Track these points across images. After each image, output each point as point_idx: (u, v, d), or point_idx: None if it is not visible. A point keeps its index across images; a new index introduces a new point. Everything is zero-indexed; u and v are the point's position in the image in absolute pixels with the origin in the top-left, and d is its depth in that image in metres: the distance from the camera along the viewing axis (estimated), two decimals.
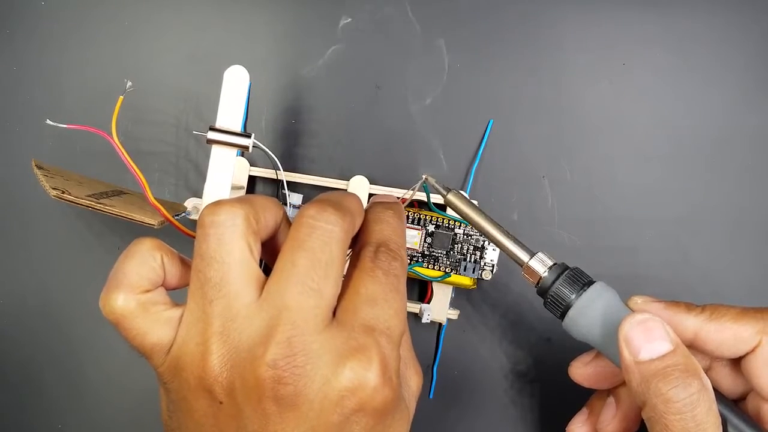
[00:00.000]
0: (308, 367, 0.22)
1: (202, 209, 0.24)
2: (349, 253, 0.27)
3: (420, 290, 0.40)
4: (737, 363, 0.29)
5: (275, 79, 0.39)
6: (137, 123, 0.40)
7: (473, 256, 0.36)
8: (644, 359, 0.25)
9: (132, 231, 0.26)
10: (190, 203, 0.37)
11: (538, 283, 0.29)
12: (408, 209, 0.37)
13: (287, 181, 0.37)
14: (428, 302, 0.38)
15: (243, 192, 0.38)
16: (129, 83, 0.30)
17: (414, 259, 0.36)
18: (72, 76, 0.40)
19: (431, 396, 0.40)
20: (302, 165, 0.39)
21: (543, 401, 0.39)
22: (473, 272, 0.36)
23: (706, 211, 0.39)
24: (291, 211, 0.37)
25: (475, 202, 0.37)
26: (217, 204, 0.24)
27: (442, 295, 0.38)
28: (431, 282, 0.37)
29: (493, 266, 0.36)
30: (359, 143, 0.39)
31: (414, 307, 0.37)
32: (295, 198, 0.37)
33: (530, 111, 0.39)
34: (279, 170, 0.36)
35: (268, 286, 0.23)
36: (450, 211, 0.36)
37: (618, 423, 0.31)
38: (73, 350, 0.40)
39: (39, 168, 0.31)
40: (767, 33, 0.38)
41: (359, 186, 0.37)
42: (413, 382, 0.27)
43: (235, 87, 0.31)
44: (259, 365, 0.22)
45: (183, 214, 0.35)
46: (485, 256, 0.36)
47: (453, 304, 0.38)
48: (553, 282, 0.28)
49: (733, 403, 0.28)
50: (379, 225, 0.27)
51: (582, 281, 0.28)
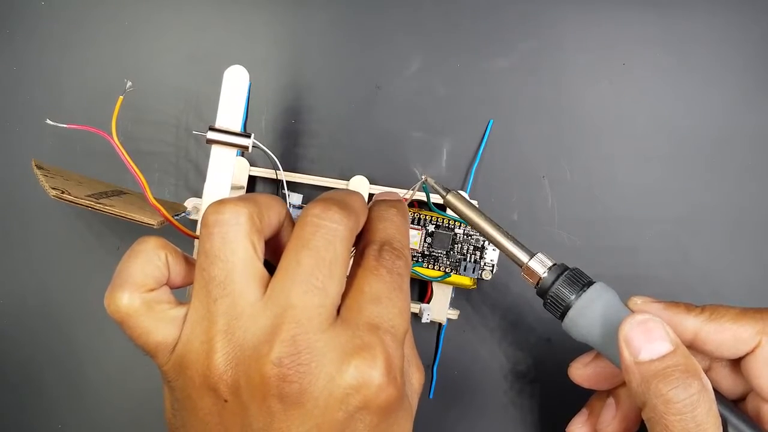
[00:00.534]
0: (313, 365, 0.22)
1: (206, 208, 0.24)
2: (353, 252, 0.27)
3: (420, 290, 0.40)
4: (737, 363, 0.29)
5: (275, 79, 0.39)
6: (137, 123, 0.40)
7: (473, 256, 0.36)
8: (644, 360, 0.25)
9: (132, 231, 0.26)
10: (190, 203, 0.37)
11: (538, 284, 0.29)
12: (408, 209, 0.37)
13: (287, 181, 0.37)
14: (428, 302, 0.38)
15: (243, 192, 0.38)
16: (129, 83, 0.30)
17: (414, 259, 0.36)
18: (72, 76, 0.40)
19: (431, 396, 0.40)
20: (302, 165, 0.39)
21: (543, 402, 0.39)
22: (473, 272, 0.36)
23: (706, 211, 0.39)
24: (291, 211, 0.37)
25: (475, 203, 0.37)
26: (221, 203, 0.24)
27: (442, 295, 0.38)
28: (431, 282, 0.37)
29: (493, 266, 0.36)
30: (359, 143, 0.39)
31: (414, 307, 0.37)
32: (295, 198, 0.37)
33: (530, 111, 0.39)
34: (279, 170, 0.36)
35: (273, 285, 0.23)
36: (450, 211, 0.36)
37: (618, 424, 0.31)
38: (73, 350, 0.40)
39: (39, 168, 0.31)
40: (767, 33, 0.38)
41: (359, 186, 0.37)
42: (415, 379, 0.27)
43: (235, 87, 0.31)
44: (264, 363, 0.22)
45: (183, 214, 0.35)
46: (485, 256, 0.36)
47: (453, 304, 0.38)
48: (553, 282, 0.28)
49: (733, 404, 0.28)
50: (383, 223, 0.27)
51: (582, 282, 0.28)
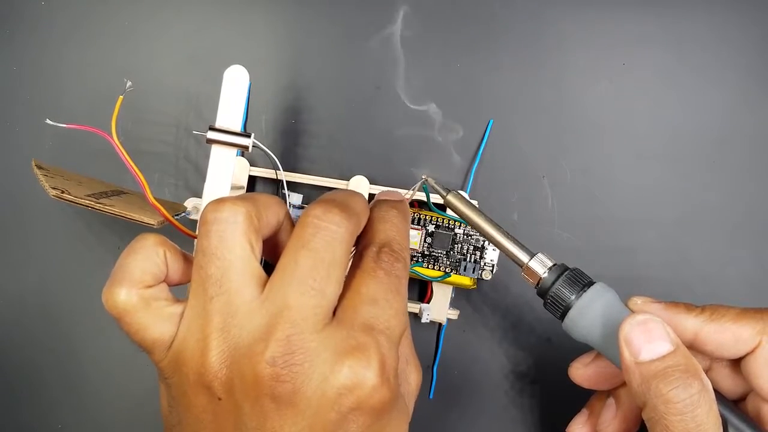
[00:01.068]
0: (306, 365, 0.22)
1: (205, 206, 0.24)
2: (353, 253, 0.27)
3: (420, 290, 0.40)
4: (737, 363, 0.29)
5: (275, 79, 0.39)
6: (137, 123, 0.40)
7: (473, 256, 0.36)
8: (645, 360, 0.25)
9: (132, 231, 0.26)
10: (190, 203, 0.37)
11: (538, 284, 0.29)
12: (409, 209, 0.37)
13: (287, 181, 0.37)
14: (428, 302, 0.38)
15: (243, 192, 0.38)
16: (129, 83, 0.30)
17: (414, 259, 0.36)
18: (72, 76, 0.40)
19: (431, 396, 0.40)
20: (302, 165, 0.39)
21: (543, 402, 0.39)
22: (473, 272, 0.36)
23: (706, 212, 0.39)
24: (291, 211, 0.37)
25: (475, 203, 0.37)
26: (220, 201, 0.24)
27: (442, 295, 0.38)
28: (431, 282, 0.37)
29: (493, 266, 0.36)
30: (359, 143, 0.39)
31: (414, 307, 0.37)
32: (295, 198, 0.37)
33: (530, 111, 0.39)
34: (279, 170, 0.36)
35: (271, 284, 0.23)
36: (450, 211, 0.36)
37: (618, 424, 0.31)
38: (73, 350, 0.40)
39: (39, 168, 0.31)
40: (767, 33, 0.38)
41: (359, 186, 0.37)
42: (413, 380, 0.27)
43: (235, 87, 0.31)
44: (258, 362, 0.22)
45: (183, 214, 0.35)
46: (485, 256, 0.36)
47: (453, 304, 0.38)
48: (553, 283, 0.28)
49: (733, 404, 0.28)
50: (383, 225, 0.26)
51: (582, 282, 0.28)
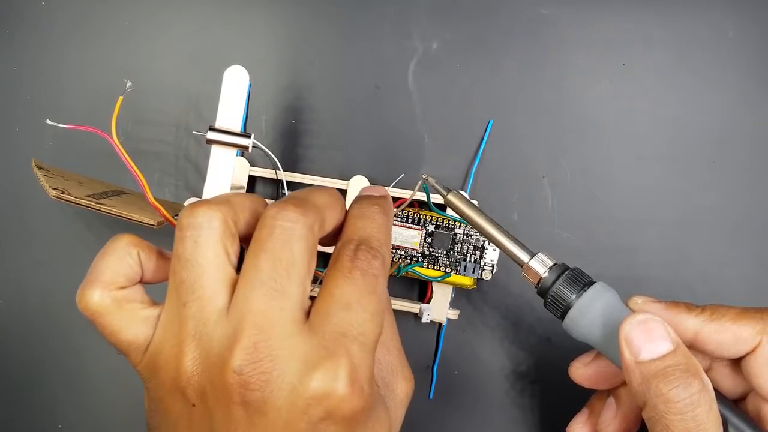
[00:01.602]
0: (275, 374, 0.22)
1: (182, 210, 0.24)
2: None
3: (420, 290, 0.40)
4: (737, 363, 0.29)
5: (275, 79, 0.39)
6: (137, 123, 0.40)
7: (473, 256, 0.36)
8: (645, 359, 0.25)
9: (131, 231, 0.26)
10: (190, 203, 0.37)
11: (539, 284, 0.29)
12: (408, 209, 0.37)
13: (287, 181, 0.37)
14: (428, 302, 0.38)
15: (243, 192, 0.38)
16: (129, 83, 0.30)
17: (414, 259, 0.36)
18: (72, 76, 0.40)
19: (431, 396, 0.40)
20: (302, 165, 0.39)
21: (543, 401, 0.39)
22: (473, 272, 0.36)
23: (706, 212, 0.39)
24: None
25: (475, 203, 0.37)
26: (195, 205, 0.24)
27: (442, 295, 0.38)
28: (431, 282, 0.37)
29: (493, 266, 0.36)
30: (359, 143, 0.39)
31: (414, 307, 0.37)
32: None
33: (530, 111, 0.39)
34: (279, 170, 0.36)
35: (236, 291, 0.23)
36: (450, 211, 0.36)
37: (618, 423, 0.31)
38: (73, 350, 0.40)
39: (39, 168, 0.31)
40: (767, 33, 0.38)
41: (359, 186, 0.37)
42: (401, 389, 0.26)
43: (235, 87, 0.31)
44: (226, 370, 0.22)
45: None
46: (485, 256, 0.36)
47: (453, 304, 0.38)
48: (554, 282, 0.28)
49: (734, 404, 0.28)
50: (362, 221, 0.26)
51: (582, 281, 0.28)
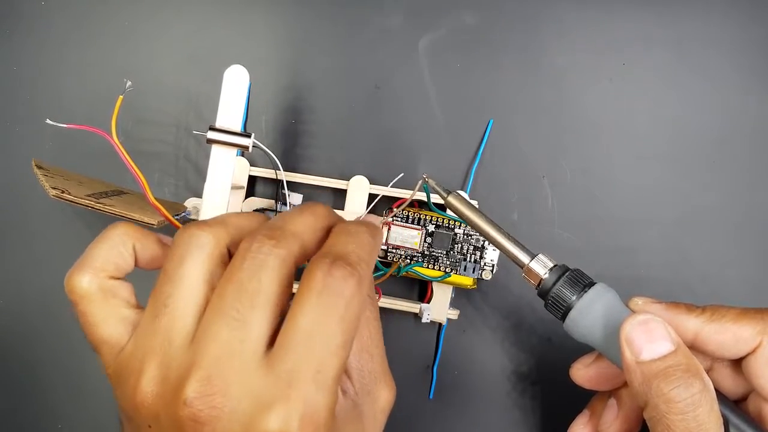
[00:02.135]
0: (226, 410, 0.21)
1: (180, 228, 0.24)
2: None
3: (420, 290, 0.40)
4: (738, 363, 0.29)
5: (275, 79, 0.39)
6: (137, 123, 0.40)
7: (473, 256, 0.36)
8: (646, 359, 0.25)
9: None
10: (190, 203, 0.37)
11: (539, 285, 0.29)
12: (408, 209, 0.37)
13: (287, 181, 0.37)
14: (428, 302, 0.38)
15: (243, 192, 0.38)
16: (129, 83, 0.30)
17: (414, 259, 0.36)
18: (72, 76, 0.40)
19: (431, 396, 0.40)
20: (302, 165, 0.39)
21: (544, 402, 0.39)
22: (473, 272, 0.36)
23: (706, 212, 0.39)
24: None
25: (475, 203, 0.37)
26: (191, 225, 0.24)
27: (442, 295, 0.38)
28: (431, 282, 0.37)
29: (493, 266, 0.36)
30: (359, 143, 0.39)
31: (414, 307, 0.37)
32: (295, 198, 0.37)
33: (530, 111, 0.39)
34: (279, 170, 0.36)
35: (202, 318, 0.22)
36: (450, 211, 0.36)
37: (620, 424, 0.31)
38: (73, 350, 0.40)
39: (39, 168, 0.31)
40: (767, 33, 0.38)
41: (359, 186, 0.37)
42: (383, 398, 0.26)
43: (235, 87, 0.31)
44: (178, 400, 0.21)
45: (183, 214, 0.35)
46: (485, 256, 0.36)
47: (453, 304, 0.38)
48: (554, 284, 0.28)
49: (734, 404, 0.28)
50: (345, 236, 0.24)
51: (583, 282, 0.28)
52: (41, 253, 0.40)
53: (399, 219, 0.36)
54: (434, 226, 0.36)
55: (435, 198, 0.36)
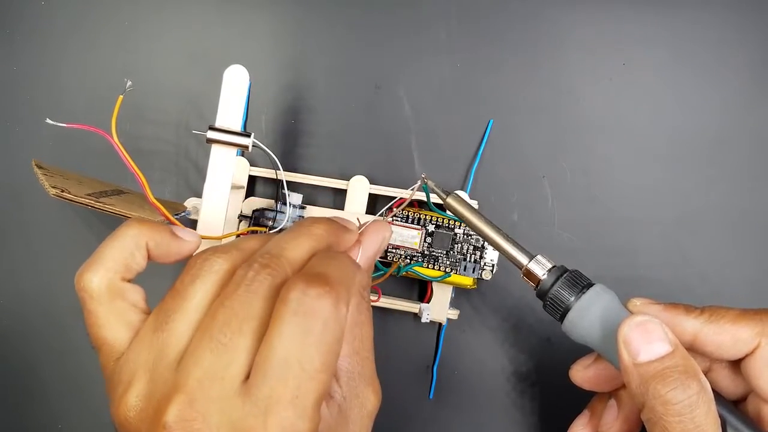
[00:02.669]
0: None
1: (198, 251, 0.24)
2: None
3: (420, 290, 0.40)
4: (737, 364, 0.29)
5: (275, 79, 0.39)
6: (137, 122, 0.40)
7: (473, 256, 0.36)
8: (643, 361, 0.25)
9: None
10: (190, 203, 0.37)
11: (538, 286, 0.29)
12: (408, 209, 0.37)
13: (287, 181, 0.37)
14: (428, 302, 0.38)
15: (243, 192, 0.38)
16: (129, 82, 0.30)
17: (414, 259, 0.36)
18: (72, 76, 0.40)
19: (431, 396, 0.40)
20: (302, 165, 0.39)
21: (544, 402, 0.39)
22: (473, 272, 0.36)
23: (706, 212, 0.39)
24: (291, 211, 0.37)
25: (475, 204, 0.37)
26: (208, 250, 0.24)
27: (442, 295, 0.38)
28: (431, 282, 0.37)
29: (493, 266, 0.36)
30: (359, 143, 0.39)
31: (414, 307, 0.37)
32: (295, 198, 0.37)
33: (530, 111, 0.39)
34: (279, 170, 0.36)
35: (192, 340, 0.22)
36: (449, 212, 0.36)
37: (620, 425, 0.31)
38: (73, 350, 0.40)
39: (39, 167, 0.31)
40: (766, 33, 0.38)
41: (359, 186, 0.37)
42: (370, 403, 0.26)
43: (235, 86, 0.31)
44: (158, 423, 0.21)
45: (183, 214, 0.35)
46: (485, 256, 0.36)
47: (453, 304, 0.38)
48: (552, 284, 0.28)
49: (733, 405, 0.28)
50: (325, 260, 0.24)
51: (581, 284, 0.28)
52: (41, 253, 0.40)
53: (399, 219, 0.36)
54: (434, 226, 0.36)
55: (434, 198, 0.36)
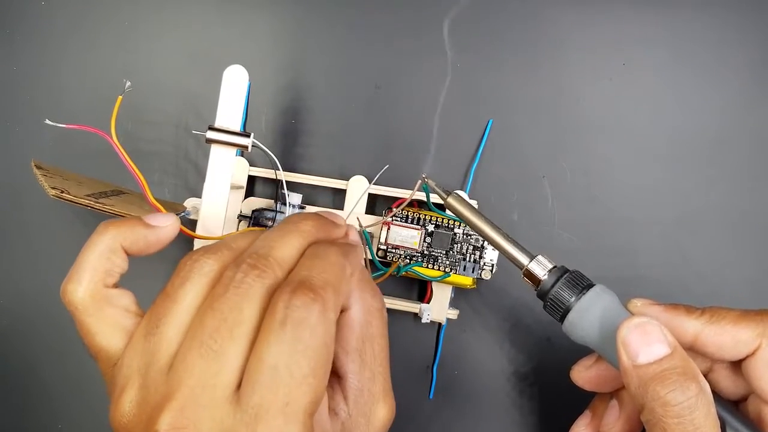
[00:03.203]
0: None
1: (188, 252, 0.24)
2: None
3: (420, 290, 0.40)
4: (738, 365, 0.29)
5: (275, 79, 0.39)
6: (137, 123, 0.40)
7: (473, 256, 0.36)
8: (642, 363, 0.25)
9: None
10: (190, 203, 0.37)
11: (538, 286, 0.29)
12: (408, 209, 0.37)
13: (287, 181, 0.37)
14: (428, 302, 0.38)
15: (242, 192, 0.38)
16: (128, 83, 0.30)
17: (414, 259, 0.36)
18: (72, 76, 0.40)
19: (431, 396, 0.40)
20: (302, 165, 0.39)
21: (543, 402, 0.39)
22: (473, 272, 0.36)
23: (706, 212, 0.38)
24: (291, 211, 0.37)
25: (474, 203, 0.37)
26: (198, 251, 0.24)
27: (442, 295, 0.37)
28: (431, 282, 0.37)
29: (493, 266, 0.36)
30: (359, 143, 0.39)
31: (414, 307, 0.37)
32: (295, 198, 0.37)
33: (530, 111, 0.39)
34: (278, 170, 0.36)
35: (182, 345, 0.22)
36: (450, 211, 0.36)
37: (621, 425, 0.31)
38: (73, 350, 0.40)
39: (38, 168, 0.31)
40: (766, 33, 0.38)
41: (359, 186, 0.37)
42: (381, 416, 0.25)
43: (235, 86, 0.31)
44: (150, 430, 0.21)
45: (182, 214, 0.35)
46: (485, 256, 0.36)
47: (453, 304, 0.38)
48: (553, 285, 0.28)
49: (733, 406, 0.28)
50: (310, 261, 0.23)
51: (581, 284, 0.28)
52: (41, 253, 0.40)
53: (399, 219, 0.36)
54: (434, 226, 0.36)
55: (434, 198, 0.36)
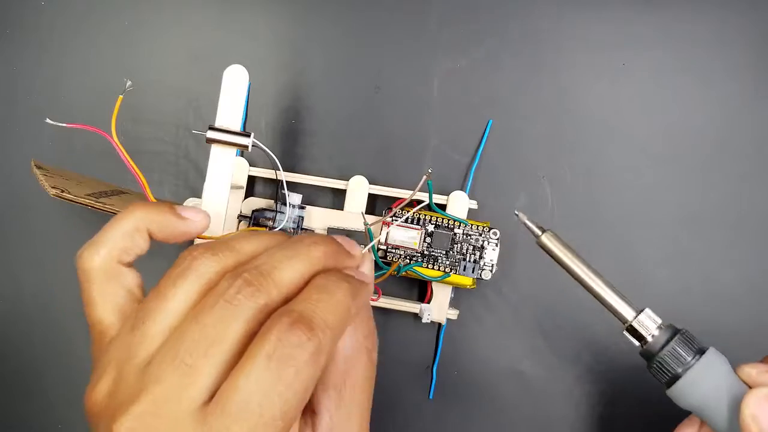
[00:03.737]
0: None
1: (187, 248, 0.23)
2: None
3: (420, 290, 0.40)
4: None
5: (275, 79, 0.39)
6: (137, 122, 0.40)
7: (473, 256, 0.36)
8: None
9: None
10: (190, 203, 0.37)
11: (644, 345, 0.27)
12: (408, 209, 0.37)
13: (287, 181, 0.37)
14: (428, 302, 0.38)
15: (242, 192, 0.38)
16: (129, 82, 0.30)
17: (414, 259, 0.36)
18: (72, 76, 0.40)
19: (431, 396, 0.40)
20: (302, 165, 0.39)
21: (542, 402, 0.39)
22: (473, 272, 0.36)
23: (706, 211, 0.39)
24: (291, 211, 0.37)
25: (474, 204, 0.37)
26: (197, 248, 0.23)
27: (442, 295, 0.37)
28: (431, 282, 0.37)
29: (493, 266, 0.36)
30: (359, 143, 0.39)
31: (414, 307, 0.37)
32: (295, 198, 0.37)
33: (530, 111, 0.39)
34: (279, 170, 0.36)
35: (159, 351, 0.21)
36: (449, 211, 0.36)
37: None
38: (73, 350, 0.40)
39: (38, 168, 0.31)
40: (767, 33, 0.38)
41: (359, 186, 0.37)
42: None
43: (235, 86, 0.31)
44: (110, 427, 0.20)
45: None
46: (485, 256, 0.36)
47: (453, 304, 0.38)
48: (663, 346, 0.26)
49: None
50: (317, 293, 0.22)
51: (694, 348, 0.26)
52: (41, 253, 0.40)
53: (399, 219, 0.36)
54: (434, 226, 0.36)
55: (436, 198, 0.36)
